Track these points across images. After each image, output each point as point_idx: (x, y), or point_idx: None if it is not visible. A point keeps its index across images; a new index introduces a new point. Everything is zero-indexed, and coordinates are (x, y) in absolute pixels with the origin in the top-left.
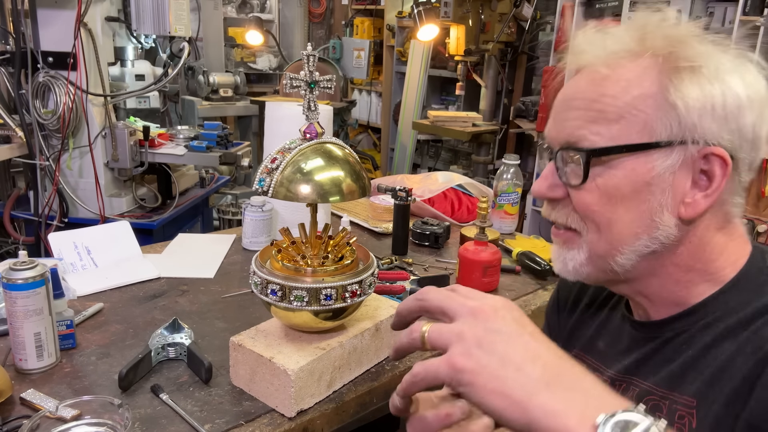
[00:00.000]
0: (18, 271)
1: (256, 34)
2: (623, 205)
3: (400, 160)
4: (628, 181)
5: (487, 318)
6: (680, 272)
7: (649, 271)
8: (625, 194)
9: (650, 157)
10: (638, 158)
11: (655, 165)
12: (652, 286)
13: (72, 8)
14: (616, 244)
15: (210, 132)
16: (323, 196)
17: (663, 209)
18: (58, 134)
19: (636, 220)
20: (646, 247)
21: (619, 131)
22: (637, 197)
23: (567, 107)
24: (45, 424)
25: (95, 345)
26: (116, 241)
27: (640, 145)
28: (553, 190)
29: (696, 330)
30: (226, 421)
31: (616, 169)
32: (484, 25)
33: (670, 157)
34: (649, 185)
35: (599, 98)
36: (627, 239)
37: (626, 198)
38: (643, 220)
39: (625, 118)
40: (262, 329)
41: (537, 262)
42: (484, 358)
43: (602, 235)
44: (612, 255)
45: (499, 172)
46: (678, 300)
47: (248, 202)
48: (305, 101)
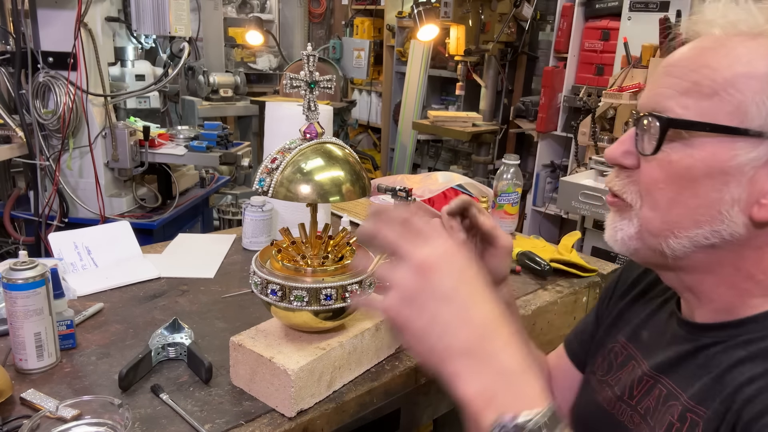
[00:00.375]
0: (18, 271)
1: (256, 34)
2: (691, 189)
3: (400, 160)
4: (703, 164)
5: (429, 274)
6: (739, 277)
7: (705, 267)
8: (697, 178)
9: (734, 144)
10: (721, 142)
11: (737, 153)
12: (705, 283)
13: (72, 8)
14: (672, 226)
15: (210, 132)
16: (323, 196)
17: (734, 204)
18: (58, 134)
19: (701, 208)
20: (706, 238)
21: (709, 108)
22: (709, 184)
23: (664, 73)
24: (45, 424)
25: (95, 345)
26: (116, 241)
27: (728, 128)
28: (626, 156)
29: (735, 344)
30: (226, 421)
31: (694, 148)
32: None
33: (757, 149)
34: (725, 174)
35: (698, 69)
36: (685, 224)
37: (697, 182)
38: (709, 209)
39: (719, 95)
40: (262, 329)
41: (537, 262)
42: (415, 315)
43: (658, 214)
44: (665, 236)
45: (499, 172)
46: (728, 307)
47: (248, 202)
48: (305, 101)
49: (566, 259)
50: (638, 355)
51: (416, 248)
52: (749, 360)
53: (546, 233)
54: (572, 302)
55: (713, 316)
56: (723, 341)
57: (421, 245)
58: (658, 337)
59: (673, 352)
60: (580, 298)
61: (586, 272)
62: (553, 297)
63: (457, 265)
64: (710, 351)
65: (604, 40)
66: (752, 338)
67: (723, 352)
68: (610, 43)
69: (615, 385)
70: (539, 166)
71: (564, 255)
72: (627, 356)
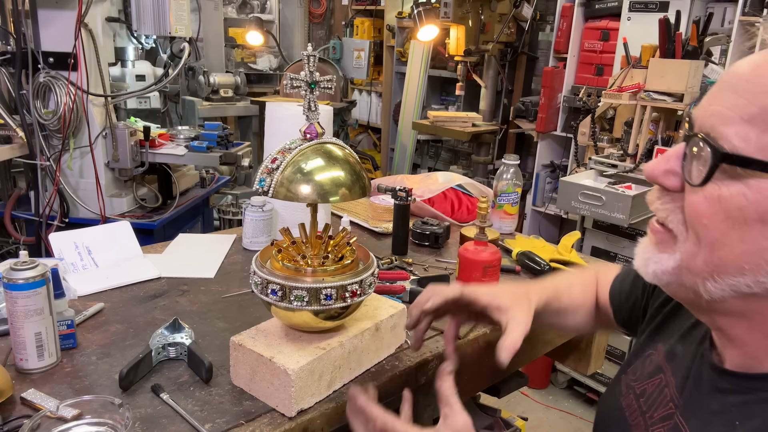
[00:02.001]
0: (19, 271)
1: (257, 34)
2: (740, 231)
3: (400, 160)
4: (756, 207)
5: None
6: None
7: (741, 312)
8: (748, 220)
9: None
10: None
11: None
12: (738, 328)
13: (72, 8)
14: (713, 269)
15: (210, 132)
16: (323, 196)
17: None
18: (58, 134)
19: (747, 254)
20: (748, 286)
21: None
22: (761, 230)
23: (729, 87)
24: (45, 423)
25: (96, 345)
26: (117, 241)
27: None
28: (668, 177)
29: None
30: (226, 421)
31: (750, 188)
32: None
33: None
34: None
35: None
36: (729, 270)
37: (747, 225)
38: (756, 257)
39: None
40: (262, 329)
41: (537, 262)
42: None
43: (701, 252)
44: (704, 277)
45: (499, 172)
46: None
47: (248, 202)
48: (305, 101)
49: (566, 259)
50: (668, 371)
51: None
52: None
53: (546, 233)
54: None
55: (742, 362)
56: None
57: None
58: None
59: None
60: None
61: None
62: None
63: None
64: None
65: (604, 41)
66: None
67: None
68: (610, 44)
69: (641, 395)
70: (539, 166)
71: (564, 255)
72: (657, 367)
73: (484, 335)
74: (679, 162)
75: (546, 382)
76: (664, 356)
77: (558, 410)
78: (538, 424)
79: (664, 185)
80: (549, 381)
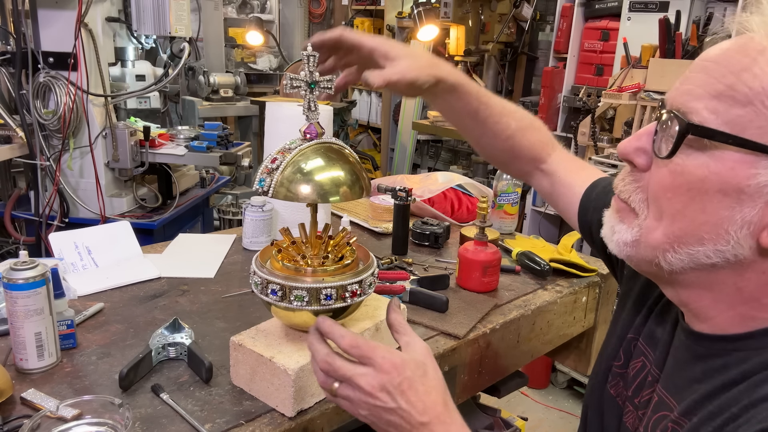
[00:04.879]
0: (19, 270)
1: (257, 34)
2: (700, 202)
3: (400, 160)
4: (719, 178)
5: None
6: (740, 299)
7: (703, 284)
8: (709, 191)
9: (758, 163)
10: (744, 158)
11: (759, 173)
12: (702, 300)
13: (72, 8)
14: (673, 240)
15: (210, 132)
16: (323, 197)
17: (744, 226)
18: (58, 134)
19: (707, 224)
20: (707, 257)
21: (739, 118)
22: (721, 201)
23: (699, 68)
24: (45, 423)
25: (96, 345)
26: (117, 241)
27: (755, 144)
28: (639, 154)
29: (735, 361)
30: (226, 421)
31: (713, 159)
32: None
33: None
34: (740, 193)
35: (738, 71)
36: (689, 240)
37: (708, 196)
38: (716, 227)
39: (754, 105)
40: (262, 329)
41: (537, 262)
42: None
43: (661, 225)
44: (664, 249)
45: (499, 173)
46: (724, 326)
47: (248, 202)
48: (305, 101)
49: (566, 259)
50: (649, 353)
51: (361, 380)
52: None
53: (545, 233)
54: (572, 302)
55: (710, 329)
56: (721, 355)
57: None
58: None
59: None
60: (580, 298)
61: (586, 272)
62: (553, 297)
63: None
64: (708, 364)
65: (604, 41)
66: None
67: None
68: (610, 44)
69: (627, 380)
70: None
71: (564, 255)
72: (639, 351)
73: (484, 335)
74: (650, 140)
75: (546, 382)
76: (644, 338)
77: (558, 410)
78: (538, 424)
79: (635, 162)
80: (549, 381)
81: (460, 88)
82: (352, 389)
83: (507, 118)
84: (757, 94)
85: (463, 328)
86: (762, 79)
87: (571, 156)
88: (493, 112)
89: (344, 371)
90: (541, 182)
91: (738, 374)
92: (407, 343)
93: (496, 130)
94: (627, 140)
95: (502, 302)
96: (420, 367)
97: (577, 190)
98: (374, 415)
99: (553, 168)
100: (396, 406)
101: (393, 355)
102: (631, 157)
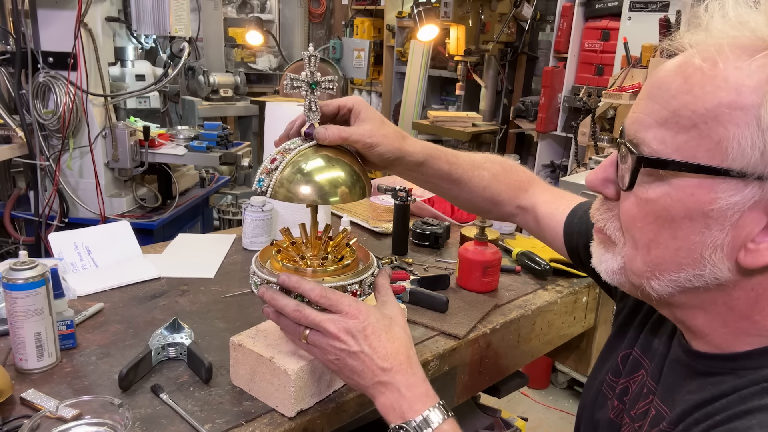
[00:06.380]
0: (18, 271)
1: (256, 34)
2: (670, 230)
3: None
4: (681, 205)
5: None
6: (732, 317)
7: (694, 305)
8: (675, 219)
9: (715, 186)
10: (701, 182)
11: (719, 197)
12: (696, 319)
13: (72, 8)
14: (653, 268)
15: (210, 132)
16: (323, 197)
17: (716, 249)
18: (58, 134)
19: (681, 250)
20: (689, 281)
21: (686, 143)
22: (689, 226)
23: (647, 94)
24: (45, 423)
25: (95, 345)
26: (116, 241)
27: (706, 168)
28: (606, 185)
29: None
30: (226, 421)
31: (672, 187)
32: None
33: (741, 193)
34: (706, 217)
35: (679, 95)
36: (667, 266)
37: (676, 223)
38: (690, 252)
39: (698, 128)
40: (262, 329)
41: (537, 262)
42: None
43: (639, 254)
44: (647, 277)
45: None
46: (720, 344)
47: (248, 202)
48: (306, 102)
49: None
50: (646, 366)
51: (329, 325)
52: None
53: None
54: (572, 302)
55: (708, 348)
56: (718, 373)
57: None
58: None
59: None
60: (580, 298)
61: None
62: (553, 297)
63: (358, 328)
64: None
65: (604, 41)
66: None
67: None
68: (610, 43)
69: (623, 394)
70: (539, 166)
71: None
72: (636, 364)
73: (485, 335)
74: (614, 169)
75: (546, 383)
76: (641, 351)
77: (558, 410)
78: (538, 424)
79: (603, 194)
80: (549, 381)
81: (429, 160)
82: (321, 335)
83: (479, 170)
84: (700, 116)
85: (463, 328)
86: (702, 100)
87: (549, 187)
88: (466, 169)
89: (313, 317)
90: (525, 219)
91: (729, 388)
92: (384, 302)
93: (472, 185)
94: (593, 171)
95: (503, 302)
96: (386, 318)
97: (559, 217)
98: (340, 360)
99: (532, 201)
100: (359, 350)
101: (359, 303)
102: (599, 189)
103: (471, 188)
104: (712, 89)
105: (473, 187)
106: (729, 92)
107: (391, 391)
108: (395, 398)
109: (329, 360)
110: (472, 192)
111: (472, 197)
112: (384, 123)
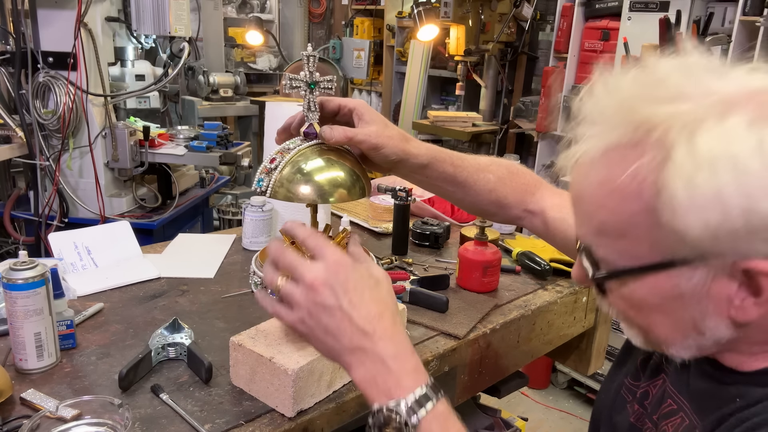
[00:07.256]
0: (18, 271)
1: (256, 34)
2: (660, 313)
3: None
4: (653, 294)
5: (316, 294)
6: (756, 346)
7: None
8: (654, 306)
9: (671, 276)
10: (656, 277)
11: (678, 283)
12: (724, 353)
13: (72, 8)
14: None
15: (210, 132)
16: (323, 197)
17: (705, 317)
18: (58, 134)
19: (677, 325)
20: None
21: (626, 247)
22: (670, 307)
23: (575, 203)
24: (45, 424)
25: (95, 345)
26: (116, 241)
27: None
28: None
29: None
30: (226, 421)
31: (639, 283)
32: (484, 25)
33: (696, 274)
34: (680, 298)
35: (599, 209)
36: (674, 339)
37: (661, 307)
38: (685, 326)
39: (629, 235)
40: (262, 329)
41: (537, 262)
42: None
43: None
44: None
45: None
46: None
47: (248, 202)
48: (305, 102)
49: (566, 259)
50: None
51: (306, 271)
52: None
53: None
54: (572, 302)
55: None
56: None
57: (310, 267)
58: None
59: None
60: (580, 298)
61: None
62: (553, 297)
63: (339, 279)
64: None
65: (604, 40)
66: None
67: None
68: (610, 43)
69: (644, 398)
70: (539, 166)
71: (564, 255)
72: (657, 368)
73: (485, 336)
74: None
75: (546, 383)
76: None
77: (558, 410)
78: (538, 424)
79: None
80: (549, 381)
81: (434, 162)
82: (296, 285)
83: (485, 173)
84: (626, 226)
85: (463, 328)
86: (619, 212)
87: (557, 191)
88: (471, 172)
89: (291, 259)
90: (533, 223)
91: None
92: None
93: (477, 188)
94: (574, 268)
95: (503, 302)
96: (372, 277)
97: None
98: (313, 317)
99: (540, 206)
100: (336, 304)
101: (346, 256)
102: (586, 284)
103: (476, 191)
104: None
105: (478, 190)
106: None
107: (373, 362)
108: (378, 370)
109: (300, 319)
110: (478, 195)
111: (477, 200)
112: (388, 125)
